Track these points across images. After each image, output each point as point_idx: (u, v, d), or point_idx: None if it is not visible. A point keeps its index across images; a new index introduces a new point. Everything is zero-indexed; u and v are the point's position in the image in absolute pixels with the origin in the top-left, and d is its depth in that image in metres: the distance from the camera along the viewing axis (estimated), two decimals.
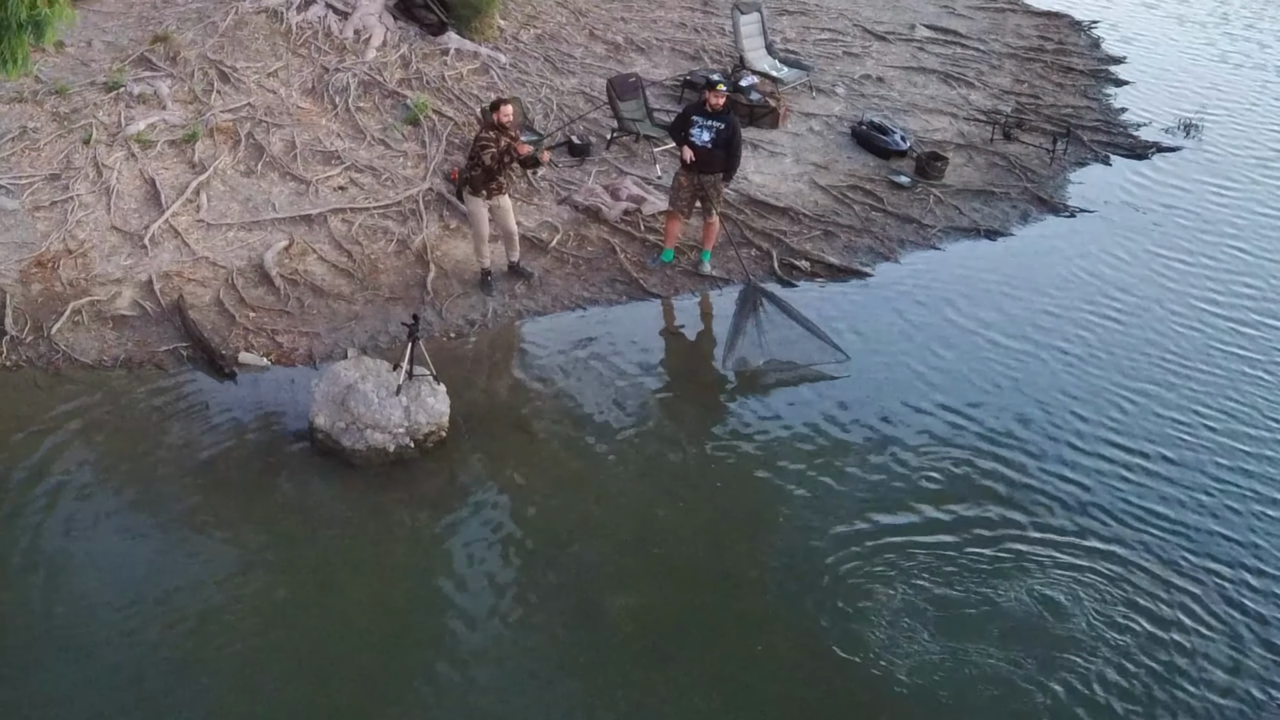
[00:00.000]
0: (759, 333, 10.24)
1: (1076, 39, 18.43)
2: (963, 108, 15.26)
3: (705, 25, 16.90)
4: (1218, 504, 9.01)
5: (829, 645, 7.58)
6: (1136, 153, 14.76)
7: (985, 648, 7.57)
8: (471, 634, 7.62)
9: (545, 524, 8.54)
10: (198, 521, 8.34)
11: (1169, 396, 10.24)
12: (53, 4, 7.16)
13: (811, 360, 10.26)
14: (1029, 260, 12.30)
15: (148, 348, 9.96)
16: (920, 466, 9.23)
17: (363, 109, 13.54)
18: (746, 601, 8.01)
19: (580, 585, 8.05)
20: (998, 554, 8.38)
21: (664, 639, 7.66)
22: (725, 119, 11.08)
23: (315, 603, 7.77)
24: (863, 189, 13.28)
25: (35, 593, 7.66)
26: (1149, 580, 8.22)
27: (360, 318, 10.51)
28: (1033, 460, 9.35)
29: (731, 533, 8.63)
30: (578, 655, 7.55)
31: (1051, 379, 10.37)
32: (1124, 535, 8.62)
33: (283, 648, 7.43)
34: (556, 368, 10.24)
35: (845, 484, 9.03)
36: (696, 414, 9.88)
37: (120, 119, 12.72)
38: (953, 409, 9.89)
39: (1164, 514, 8.86)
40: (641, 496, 8.91)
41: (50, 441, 8.95)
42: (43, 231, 11.13)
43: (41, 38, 7.32)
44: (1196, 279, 12.15)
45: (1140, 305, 11.60)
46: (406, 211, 11.97)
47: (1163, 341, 11.05)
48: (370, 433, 8.83)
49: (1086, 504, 8.91)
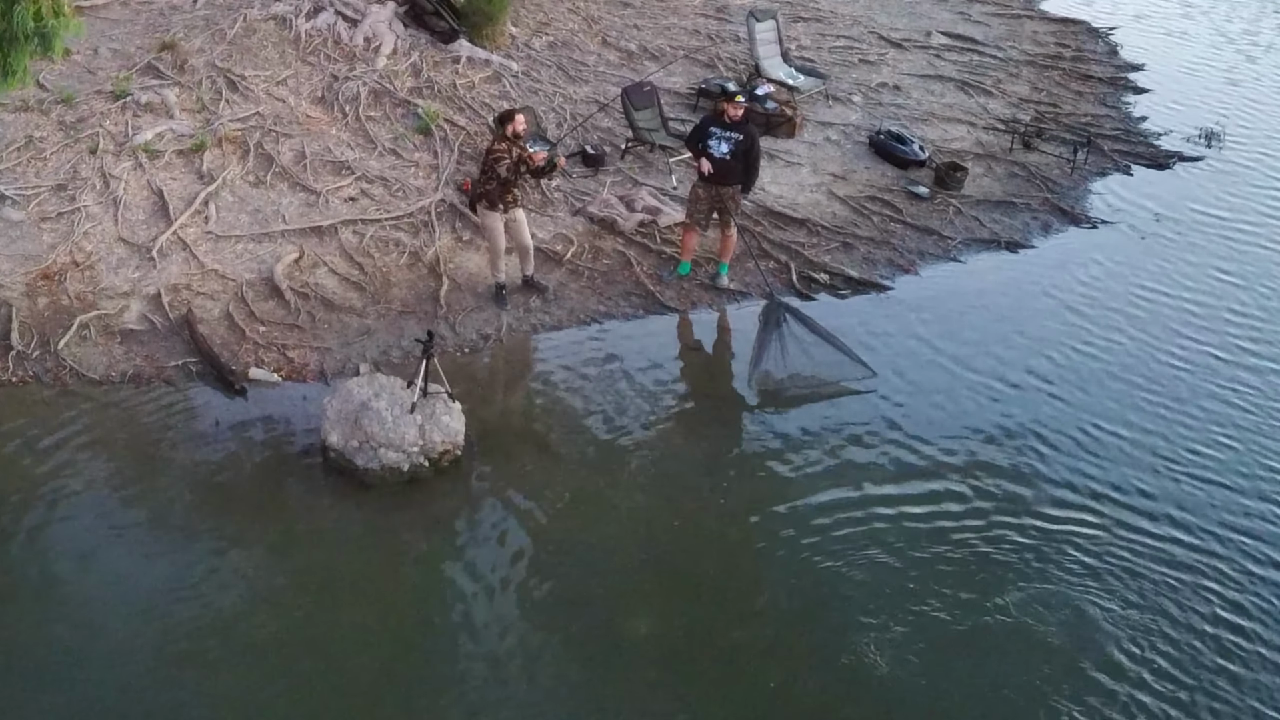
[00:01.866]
0: (783, 349, 10.03)
1: (1094, 46, 18.18)
2: (981, 116, 15.04)
3: (719, 32, 16.68)
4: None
5: (852, 677, 7.37)
6: (1158, 163, 14.52)
7: (1016, 677, 7.36)
8: (486, 658, 7.43)
9: (561, 545, 8.34)
10: (207, 543, 8.16)
11: (1218, 411, 10.05)
12: (59, 15, 6.95)
13: (836, 376, 10.05)
14: (1053, 273, 12.05)
15: (156, 363, 9.77)
16: (945, 490, 9.00)
17: (373, 118, 13.34)
18: (766, 627, 7.80)
19: (597, 609, 7.86)
20: (1028, 581, 8.15)
21: (684, 664, 7.46)
22: (744, 130, 10.88)
23: (326, 625, 7.57)
24: (881, 200, 13.06)
25: (41, 612, 7.50)
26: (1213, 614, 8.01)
27: (372, 332, 10.31)
28: (1068, 488, 9.06)
29: (752, 555, 8.44)
30: (595, 681, 7.36)
31: (1085, 398, 10.08)
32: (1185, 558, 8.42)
33: (293, 671, 7.26)
34: (572, 384, 10.03)
35: (868, 506, 8.80)
36: (716, 432, 9.66)
37: (127, 128, 12.53)
38: (980, 430, 9.65)
39: (1234, 537, 8.64)
40: (659, 517, 8.70)
41: (57, 459, 8.77)
42: (49, 243, 10.94)
43: (50, 49, 7.11)
44: (1226, 292, 11.89)
45: (1170, 320, 11.35)
46: (418, 223, 11.77)
47: (1200, 358, 10.81)
48: (384, 452, 8.62)
49: (1128, 532, 8.62)
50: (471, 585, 7.97)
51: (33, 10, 6.80)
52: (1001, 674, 7.40)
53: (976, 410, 9.89)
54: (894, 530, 8.57)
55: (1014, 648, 7.60)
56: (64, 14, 6.99)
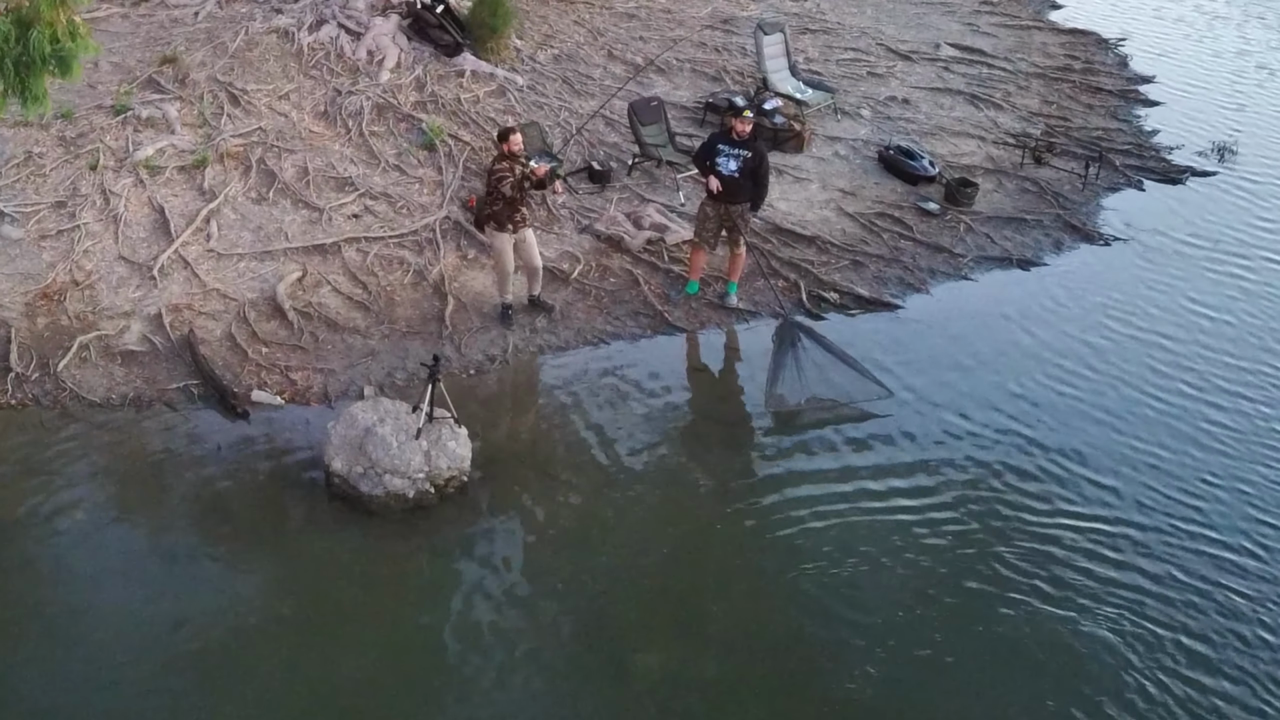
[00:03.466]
0: (798, 370, 9.86)
1: (1104, 57, 18.00)
2: (991, 131, 14.87)
3: (726, 45, 16.52)
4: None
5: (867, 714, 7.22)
6: (1170, 177, 14.34)
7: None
8: (492, 691, 7.29)
9: (569, 575, 8.18)
10: (209, 571, 8.03)
11: (1242, 426, 9.97)
12: (75, 37, 6.78)
13: (852, 397, 9.89)
14: (1066, 292, 11.87)
15: (157, 385, 9.60)
16: (962, 519, 8.84)
17: (376, 133, 13.18)
18: (778, 662, 7.62)
19: (606, 641, 7.72)
20: (1055, 612, 7.99)
21: (695, 702, 7.31)
22: (753, 147, 10.72)
23: (330, 657, 7.43)
24: (891, 216, 12.89)
25: (42, 642, 7.37)
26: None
27: (376, 354, 10.14)
28: (1101, 520, 8.89)
29: (763, 586, 8.27)
30: (603, 716, 7.20)
31: (1107, 427, 9.90)
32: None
33: (296, 703, 7.14)
34: (579, 407, 9.86)
35: (883, 534, 8.64)
36: (726, 457, 9.49)
37: (128, 143, 12.37)
38: (1000, 459, 9.45)
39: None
40: (669, 546, 8.56)
41: (56, 484, 8.63)
42: (49, 262, 10.78)
43: (68, 73, 6.95)
44: (1247, 309, 11.74)
45: (1187, 337, 11.20)
46: (423, 241, 11.61)
47: (1221, 372, 10.69)
48: (389, 478, 8.47)
49: (1160, 567, 8.47)
50: (475, 616, 7.81)
51: (49, 33, 6.63)
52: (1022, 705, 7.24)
53: (995, 438, 9.69)
54: (908, 561, 8.39)
55: (1055, 701, 7.43)
56: (80, 36, 6.82)
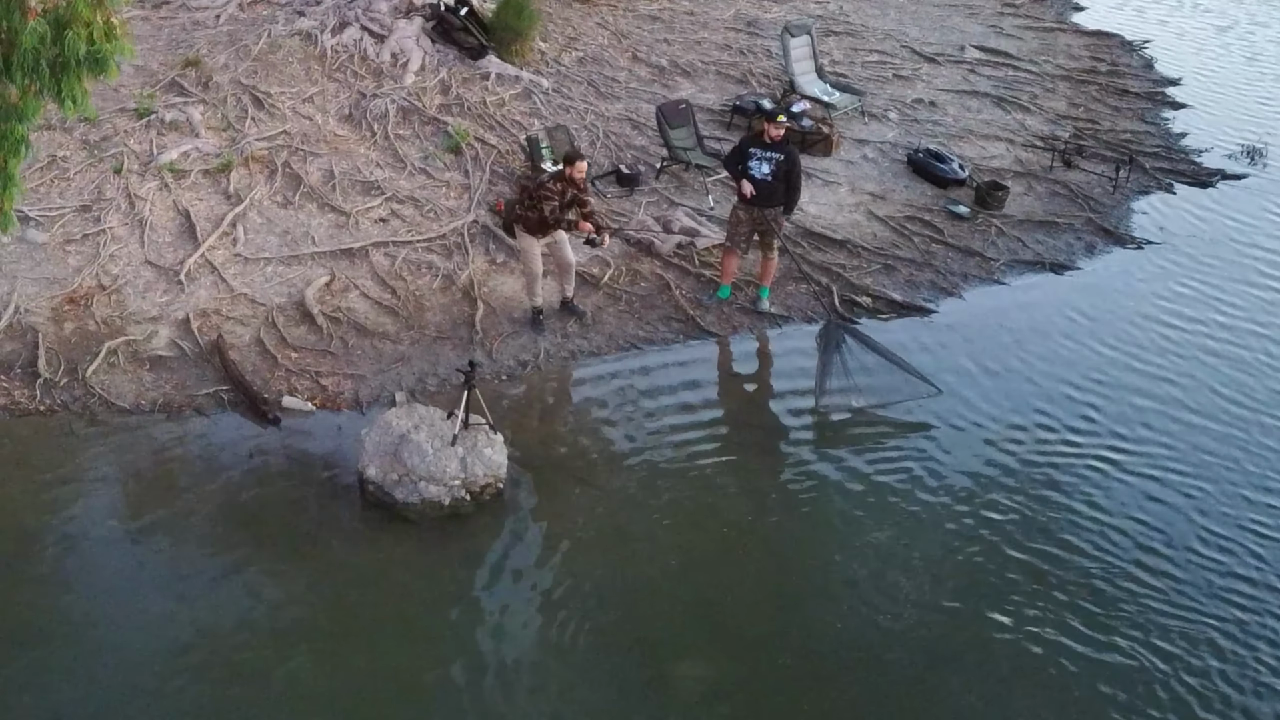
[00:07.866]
0: (846, 371, 9.75)
1: (1129, 60, 17.87)
2: (1019, 133, 14.74)
3: (751, 47, 16.40)
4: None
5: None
6: (1201, 181, 14.20)
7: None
8: (530, 704, 7.16)
9: (606, 584, 8.05)
10: (242, 581, 7.89)
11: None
12: (112, 39, 6.68)
13: (900, 396, 9.78)
14: (1101, 296, 11.72)
15: (186, 391, 9.49)
16: (1005, 524, 8.70)
17: (402, 136, 13.08)
18: (819, 667, 7.49)
19: (644, 652, 7.58)
20: (1096, 633, 7.85)
21: (734, 713, 7.16)
22: (785, 150, 10.60)
23: (365, 667, 7.30)
24: (921, 220, 12.76)
25: (69, 650, 7.23)
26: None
27: (407, 359, 10.02)
28: (1137, 537, 8.73)
29: (805, 595, 8.14)
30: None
31: (1154, 435, 9.76)
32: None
33: (330, 714, 7.01)
34: (613, 413, 9.74)
35: (922, 541, 8.50)
36: (764, 463, 9.36)
37: (152, 147, 12.29)
38: (1044, 469, 9.31)
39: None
40: (707, 554, 8.41)
41: (86, 491, 8.53)
42: (74, 266, 10.68)
43: (105, 73, 6.85)
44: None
45: (1223, 340, 11.06)
46: (451, 245, 11.49)
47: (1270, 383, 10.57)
48: (424, 485, 8.34)
49: (1219, 578, 8.33)
50: (512, 626, 7.68)
51: (84, 35, 6.54)
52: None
53: (1037, 446, 9.53)
54: (947, 570, 8.26)
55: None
56: (116, 37, 6.72)
